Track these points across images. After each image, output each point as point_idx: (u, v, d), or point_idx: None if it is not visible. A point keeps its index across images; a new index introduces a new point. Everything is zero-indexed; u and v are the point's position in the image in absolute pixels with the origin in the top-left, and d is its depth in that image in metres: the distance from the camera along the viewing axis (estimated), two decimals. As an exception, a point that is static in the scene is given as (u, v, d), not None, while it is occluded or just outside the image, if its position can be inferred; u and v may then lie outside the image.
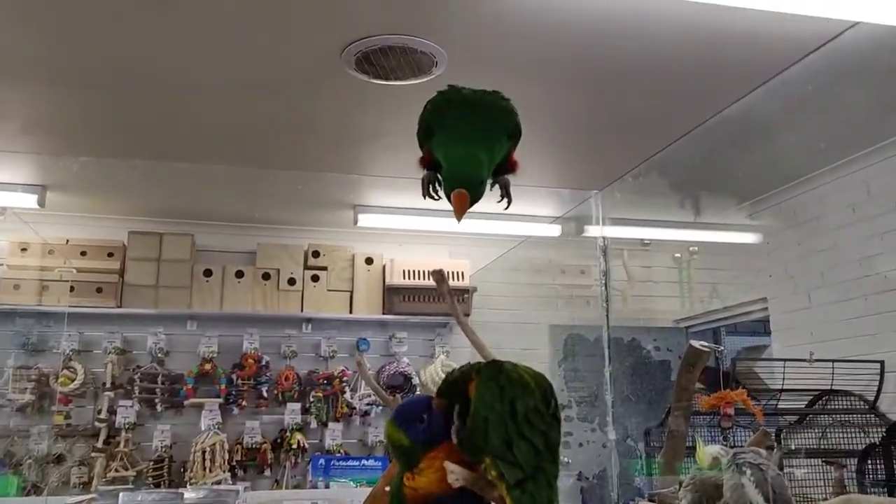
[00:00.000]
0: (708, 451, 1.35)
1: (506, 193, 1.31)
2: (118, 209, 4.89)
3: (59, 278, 4.63)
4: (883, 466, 3.15)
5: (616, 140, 3.69)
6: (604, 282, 2.36)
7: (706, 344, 1.48)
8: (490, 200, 1.35)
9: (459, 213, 1.19)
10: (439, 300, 5.05)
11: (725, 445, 1.55)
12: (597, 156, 3.82)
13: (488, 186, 1.27)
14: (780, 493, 1.21)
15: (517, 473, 0.95)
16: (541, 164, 3.95)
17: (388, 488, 1.09)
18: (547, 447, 0.99)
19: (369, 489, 4.29)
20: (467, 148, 1.23)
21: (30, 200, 4.32)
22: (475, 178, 1.20)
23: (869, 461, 3.18)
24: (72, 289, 4.56)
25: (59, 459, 4.47)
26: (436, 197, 1.36)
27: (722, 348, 4.45)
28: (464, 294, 5.02)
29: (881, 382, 3.58)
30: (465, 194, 1.18)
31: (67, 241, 4.71)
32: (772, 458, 1.23)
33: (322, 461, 4.40)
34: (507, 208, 1.31)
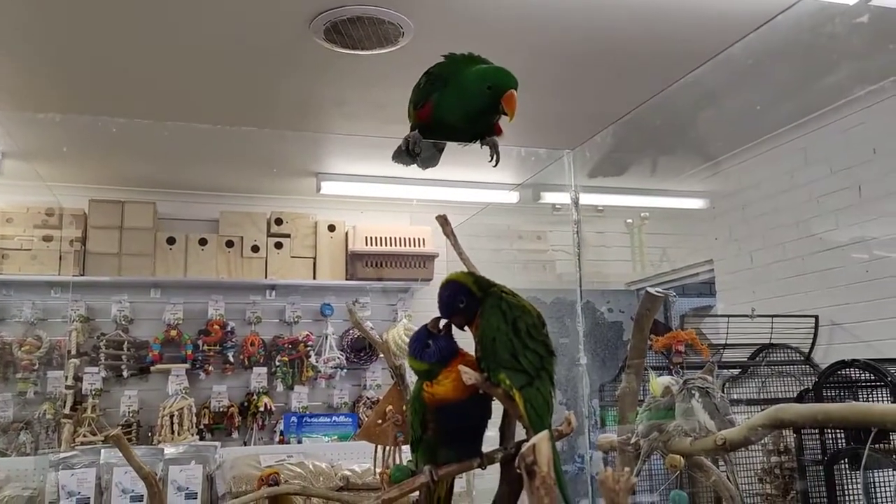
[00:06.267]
0: (660, 381, 1.54)
1: (495, 152, 1.46)
2: (78, 177, 4.86)
3: (19, 247, 4.61)
4: (815, 411, 3.42)
5: (579, 108, 3.84)
6: (577, 251, 2.56)
7: (660, 290, 1.66)
8: (462, 162, 1.50)
9: (513, 111, 1.41)
10: (401, 266, 5.19)
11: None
12: (563, 121, 3.96)
13: (478, 145, 1.41)
14: (724, 411, 1.40)
15: (525, 378, 1.14)
16: (510, 126, 4.08)
17: (389, 408, 1.26)
18: (548, 351, 1.18)
19: (341, 443, 4.46)
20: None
21: (-12, 168, 4.29)
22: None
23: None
24: (34, 257, 4.56)
25: (26, 426, 4.49)
26: (417, 151, 1.50)
27: (674, 293, 4.71)
28: (426, 260, 5.18)
29: (815, 335, 3.87)
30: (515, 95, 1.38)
31: (27, 209, 4.69)
32: (716, 383, 1.42)
33: (294, 418, 4.54)
34: (495, 166, 1.47)
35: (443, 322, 1.29)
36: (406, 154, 1.56)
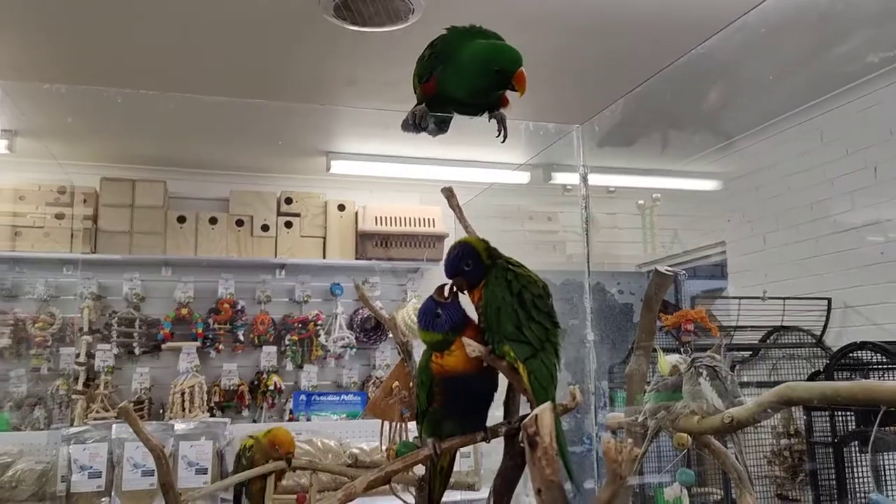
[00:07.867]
0: (668, 359, 1.52)
1: (502, 127, 1.45)
2: (89, 155, 4.88)
3: (31, 224, 4.64)
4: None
5: (591, 86, 3.80)
6: (585, 227, 2.54)
7: (670, 268, 1.64)
8: (473, 142, 1.49)
9: (524, 89, 1.42)
10: (411, 246, 5.19)
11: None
12: (574, 99, 3.91)
13: (486, 118, 1.41)
14: (734, 393, 1.39)
15: (530, 350, 1.13)
16: (519, 103, 4.05)
17: (395, 384, 1.25)
18: (553, 323, 1.17)
19: (349, 422, 4.49)
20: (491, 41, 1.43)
21: None
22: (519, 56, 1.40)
23: (813, 388, 3.42)
24: (46, 234, 4.58)
25: (40, 401, 4.54)
26: (423, 125, 1.49)
27: (684, 272, 4.69)
28: (435, 240, 5.17)
29: (828, 318, 3.83)
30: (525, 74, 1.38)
31: (39, 186, 4.71)
32: (725, 362, 1.41)
33: (303, 396, 4.57)
34: (503, 141, 1.45)
35: (447, 287, 1.28)
36: (413, 127, 1.56)
